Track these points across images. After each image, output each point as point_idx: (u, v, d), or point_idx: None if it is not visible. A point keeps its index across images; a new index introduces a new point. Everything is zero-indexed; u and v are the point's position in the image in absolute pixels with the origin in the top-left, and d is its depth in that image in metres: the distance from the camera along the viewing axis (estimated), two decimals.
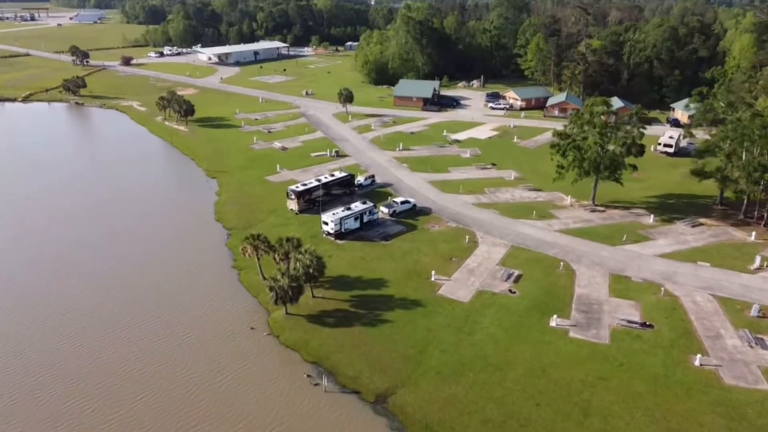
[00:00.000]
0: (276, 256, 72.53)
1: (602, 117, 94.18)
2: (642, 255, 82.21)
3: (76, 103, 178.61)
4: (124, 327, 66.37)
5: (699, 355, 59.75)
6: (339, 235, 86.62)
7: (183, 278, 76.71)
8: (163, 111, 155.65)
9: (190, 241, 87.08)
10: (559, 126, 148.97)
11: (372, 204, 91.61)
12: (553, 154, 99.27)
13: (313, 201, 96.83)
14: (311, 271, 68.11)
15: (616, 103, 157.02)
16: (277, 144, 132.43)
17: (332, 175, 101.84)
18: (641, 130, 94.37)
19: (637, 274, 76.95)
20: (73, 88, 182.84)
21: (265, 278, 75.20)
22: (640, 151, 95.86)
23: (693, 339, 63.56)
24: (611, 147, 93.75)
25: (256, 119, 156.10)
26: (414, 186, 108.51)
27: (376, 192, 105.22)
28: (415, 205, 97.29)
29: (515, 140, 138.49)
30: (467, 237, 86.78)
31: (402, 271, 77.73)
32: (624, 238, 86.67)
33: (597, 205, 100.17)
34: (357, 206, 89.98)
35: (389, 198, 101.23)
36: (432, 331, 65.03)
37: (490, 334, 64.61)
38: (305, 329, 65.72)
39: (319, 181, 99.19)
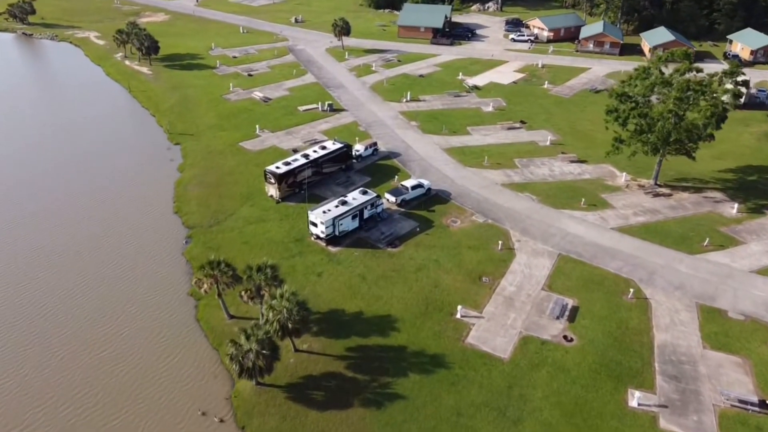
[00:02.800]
0: (243, 293, 52.19)
1: (683, 76, 70.57)
2: (734, 270, 61.91)
3: (24, 33, 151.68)
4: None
5: None
6: (332, 239, 65.88)
7: (117, 316, 56.19)
8: (122, 47, 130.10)
9: (136, 249, 66.06)
10: (597, 66, 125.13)
11: (375, 194, 70.14)
12: (608, 121, 76.65)
13: (298, 184, 75.31)
14: (290, 325, 47.94)
15: (664, 34, 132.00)
16: (258, 93, 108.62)
17: (323, 148, 79.50)
18: (737, 94, 71.06)
19: (733, 306, 56.97)
20: (20, 14, 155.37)
21: (230, 317, 55.46)
22: (724, 118, 73.29)
23: None
24: (692, 116, 71.16)
25: (235, 57, 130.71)
26: (426, 155, 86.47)
27: (377, 166, 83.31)
28: (429, 189, 75.85)
29: (546, 86, 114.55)
30: (500, 241, 66.04)
31: (416, 300, 57.69)
32: (706, 242, 66.06)
33: (659, 185, 78.81)
34: (355, 198, 68.62)
35: (395, 177, 79.57)
36: (462, 417, 45.77)
37: (546, 422, 45.38)
38: (283, 414, 46.31)
39: (306, 157, 77.04)
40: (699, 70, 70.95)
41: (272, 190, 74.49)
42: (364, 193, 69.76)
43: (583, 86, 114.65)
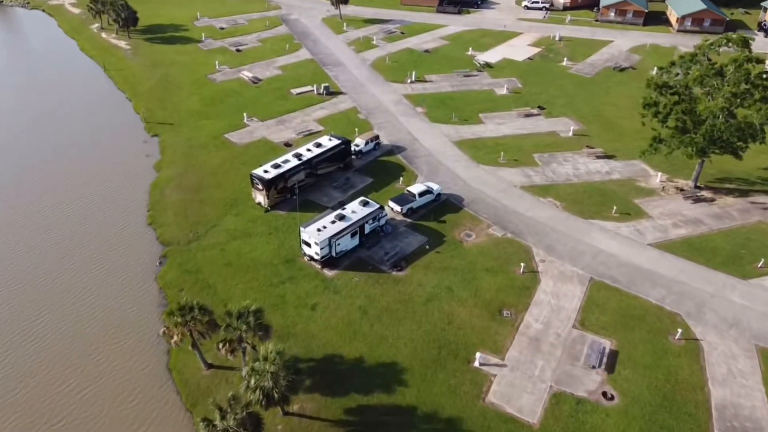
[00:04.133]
0: (221, 345, 43.57)
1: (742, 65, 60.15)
2: None
3: None
4: None
5: None
6: (328, 261, 56.95)
7: (76, 369, 47.72)
8: (97, 18, 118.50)
9: (100, 274, 56.91)
10: (620, 38, 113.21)
11: (377, 205, 60.86)
12: (645, 114, 66.77)
13: (290, 189, 66.03)
14: (276, 394, 39.48)
15: (692, 2, 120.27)
16: (247, 73, 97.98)
17: (318, 145, 69.80)
18: None
19: None
20: None
21: (208, 366, 47.12)
22: None
23: None
24: (744, 112, 61.30)
25: (222, 28, 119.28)
26: (434, 150, 76.84)
27: (379, 164, 73.84)
28: (439, 195, 66.62)
29: (564, 63, 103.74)
30: (522, 263, 57.11)
31: (427, 342, 49.14)
32: (760, 264, 57.19)
33: (700, 187, 69.55)
34: (354, 211, 59.39)
35: (400, 179, 70.20)
36: None
37: None
38: None
39: (298, 157, 67.41)
40: (760, 60, 60.61)
41: (260, 197, 65.26)
42: (365, 204, 60.41)
43: (605, 63, 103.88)
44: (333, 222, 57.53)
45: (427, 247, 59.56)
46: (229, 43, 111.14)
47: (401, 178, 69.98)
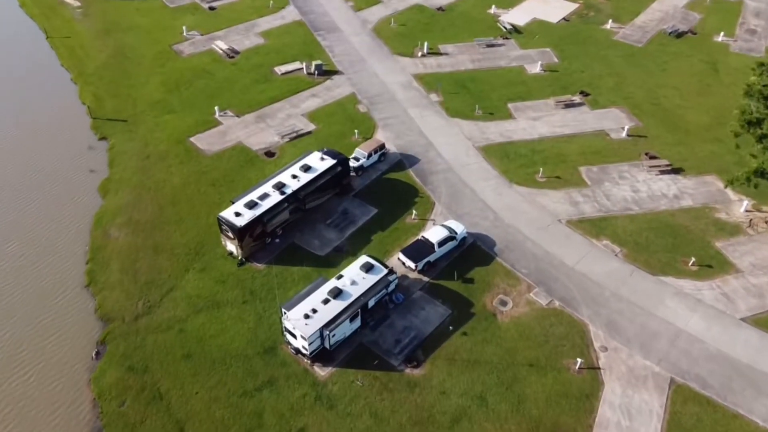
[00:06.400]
0: None
1: None
2: None
3: None
4: None
5: None
6: (320, 354, 42.64)
7: None
8: None
9: (15, 379, 42.89)
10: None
11: (385, 269, 45.81)
12: (739, 134, 50.60)
13: (270, 233, 50.81)
14: None
15: None
16: (221, 45, 79.56)
17: (306, 169, 53.58)
18: None
19: None
20: None
21: None
22: None
23: None
24: None
25: None
26: (454, 161, 60.82)
27: (385, 184, 58.03)
28: (464, 239, 51.41)
29: (608, 26, 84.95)
30: (578, 358, 42.79)
31: None
32: None
33: None
34: (354, 281, 44.39)
35: (413, 212, 54.62)
36: None
37: None
38: None
39: (281, 190, 51.37)
40: None
41: (231, 246, 50.06)
42: (369, 269, 45.31)
43: (658, 25, 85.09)
44: (325, 301, 42.77)
45: (450, 327, 45.07)
46: None
47: (414, 212, 54.41)
